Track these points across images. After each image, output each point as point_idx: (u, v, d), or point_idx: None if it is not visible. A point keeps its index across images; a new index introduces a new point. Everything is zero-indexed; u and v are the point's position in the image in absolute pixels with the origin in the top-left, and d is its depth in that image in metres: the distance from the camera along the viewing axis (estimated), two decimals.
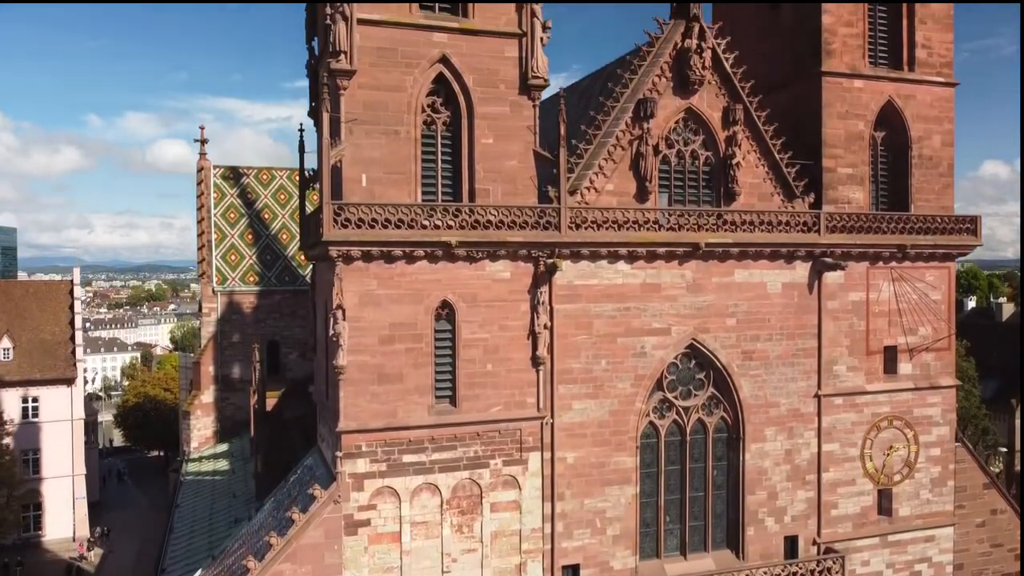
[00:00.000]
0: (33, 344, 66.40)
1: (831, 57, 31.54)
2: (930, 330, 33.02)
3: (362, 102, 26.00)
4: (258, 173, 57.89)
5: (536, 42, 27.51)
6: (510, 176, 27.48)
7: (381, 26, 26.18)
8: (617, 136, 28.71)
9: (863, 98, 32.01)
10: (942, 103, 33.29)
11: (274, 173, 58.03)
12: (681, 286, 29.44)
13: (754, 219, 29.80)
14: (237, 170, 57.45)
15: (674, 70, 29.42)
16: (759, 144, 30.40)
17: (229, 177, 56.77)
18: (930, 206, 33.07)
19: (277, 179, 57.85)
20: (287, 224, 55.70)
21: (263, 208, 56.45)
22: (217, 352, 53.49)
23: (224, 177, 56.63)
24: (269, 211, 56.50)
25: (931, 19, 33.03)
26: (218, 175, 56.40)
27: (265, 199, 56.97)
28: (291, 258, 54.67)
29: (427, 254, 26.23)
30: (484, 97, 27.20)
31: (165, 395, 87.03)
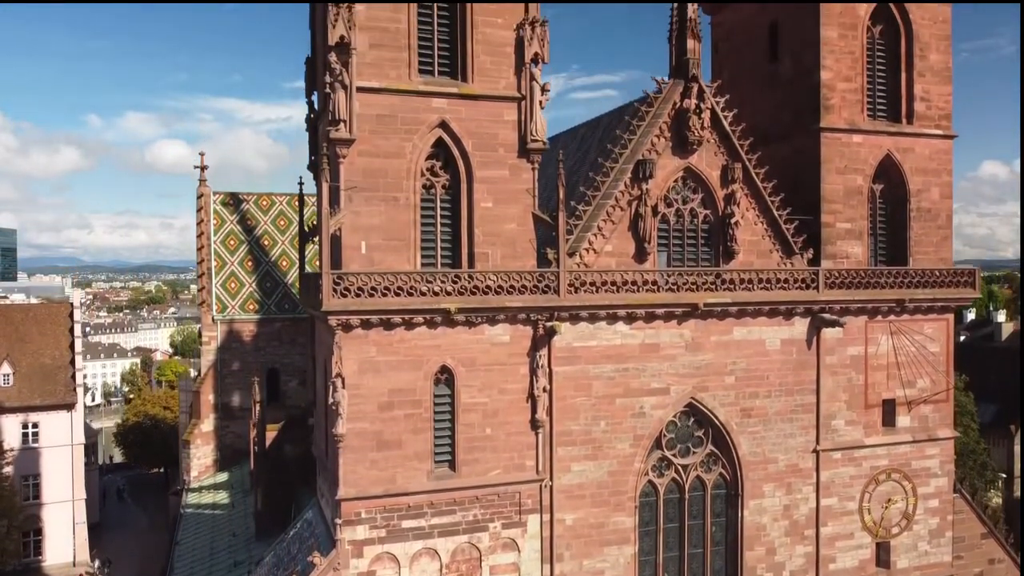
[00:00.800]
0: (33, 369, 66.39)
1: (830, 112, 31.61)
2: (928, 382, 33.09)
3: (361, 169, 26.06)
4: (258, 199, 57.96)
5: (535, 105, 27.58)
6: (509, 239, 27.55)
7: (380, 93, 26.26)
8: (616, 197, 28.78)
9: (862, 152, 32.08)
10: (940, 155, 33.36)
11: (274, 199, 58.08)
12: (680, 345, 29.51)
13: (753, 278, 29.87)
14: (237, 196, 57.52)
15: (673, 130, 29.49)
16: (758, 202, 30.46)
17: (229, 203, 56.82)
18: (929, 259, 33.14)
19: (277, 205, 57.89)
20: (287, 251, 55.76)
21: (263, 234, 56.50)
22: (217, 380, 53.57)
23: (224, 203, 56.67)
24: (269, 237, 56.53)
25: (930, 72, 33.09)
26: (218, 201, 56.46)
27: (265, 225, 57.01)
28: (290, 285, 54.66)
29: (426, 320, 26.32)
30: (483, 161, 27.27)
31: (165, 414, 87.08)
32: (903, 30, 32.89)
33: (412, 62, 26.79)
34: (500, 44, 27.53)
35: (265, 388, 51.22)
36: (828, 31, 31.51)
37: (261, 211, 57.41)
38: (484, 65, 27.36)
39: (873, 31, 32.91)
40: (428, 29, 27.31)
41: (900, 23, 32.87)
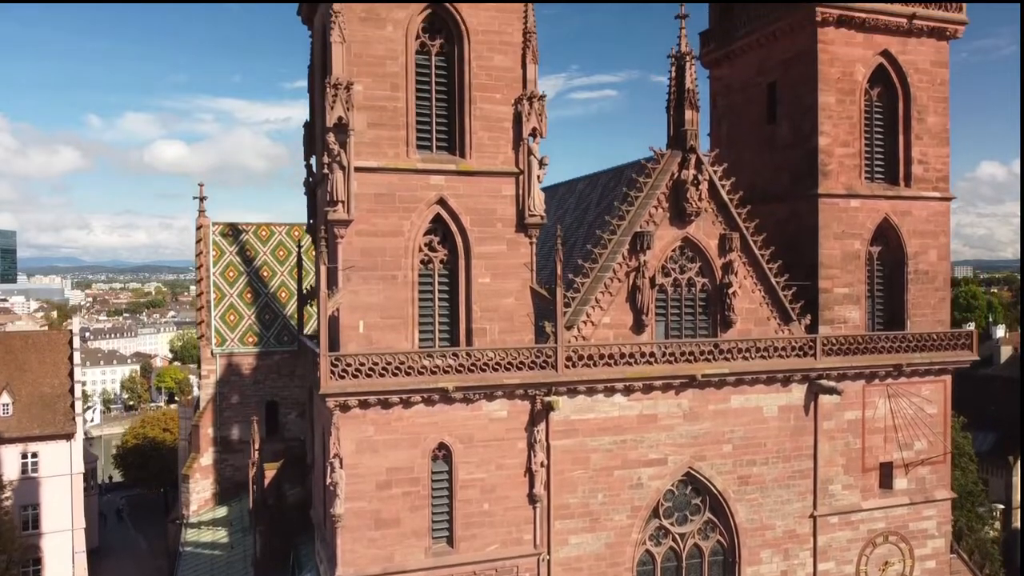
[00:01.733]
0: (32, 398, 66.45)
1: (827, 178, 31.66)
2: (926, 444, 33.17)
3: (360, 248, 26.11)
4: (257, 229, 57.93)
5: (533, 180, 27.62)
6: (507, 314, 27.61)
7: (379, 172, 26.31)
8: (614, 269, 28.82)
9: (860, 217, 32.13)
10: (938, 217, 33.41)
11: (273, 229, 58.06)
12: (678, 415, 29.57)
13: (751, 347, 29.93)
14: (236, 227, 57.52)
15: (671, 200, 29.53)
16: (756, 270, 30.51)
17: (228, 234, 56.80)
18: (926, 321, 33.20)
19: (276, 235, 57.86)
20: (285, 282, 55.73)
21: (262, 266, 56.47)
22: (216, 414, 53.54)
23: (223, 234, 56.65)
24: (268, 268, 56.48)
25: (927, 134, 33.14)
26: (217, 232, 56.44)
27: (264, 256, 56.97)
28: (289, 317, 54.66)
29: (424, 398, 26.38)
30: (481, 236, 27.31)
31: (165, 436, 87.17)
32: (901, 93, 32.94)
33: (410, 139, 26.84)
34: (498, 119, 27.57)
35: (264, 420, 51.34)
36: (826, 97, 31.54)
37: (260, 241, 57.36)
38: (482, 141, 27.41)
39: (871, 93, 32.96)
40: (426, 106, 27.38)
41: (898, 86, 32.92)
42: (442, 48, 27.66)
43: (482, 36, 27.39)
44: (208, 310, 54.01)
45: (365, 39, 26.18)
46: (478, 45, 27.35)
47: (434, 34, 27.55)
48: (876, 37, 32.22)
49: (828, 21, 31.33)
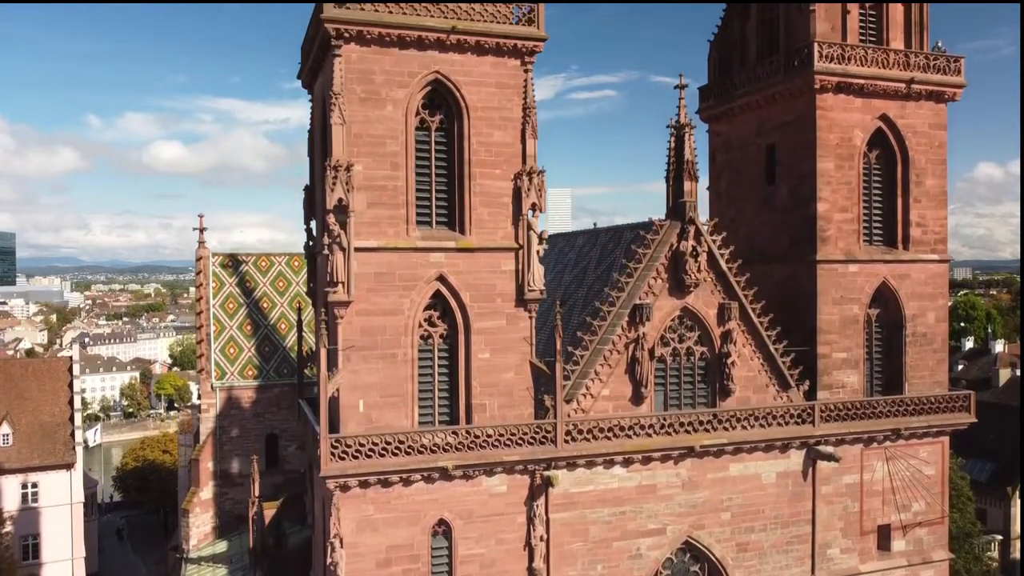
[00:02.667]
0: (33, 427, 66.58)
1: (826, 244, 31.75)
2: (923, 505, 33.30)
3: (359, 328, 26.21)
4: (257, 260, 57.91)
5: (532, 254, 27.71)
6: (507, 389, 27.71)
7: (379, 252, 26.39)
8: (613, 341, 28.92)
9: (858, 281, 32.23)
10: (936, 280, 33.52)
11: (273, 259, 58.04)
12: (676, 484, 29.70)
13: (749, 416, 30.05)
14: (236, 257, 57.54)
15: (670, 271, 29.63)
16: (754, 338, 30.61)
17: (228, 265, 56.79)
18: (924, 383, 33.31)
19: (276, 265, 57.81)
20: (285, 313, 55.72)
21: (262, 297, 56.46)
22: (216, 447, 53.55)
23: (223, 265, 56.63)
24: (268, 300, 56.46)
25: (926, 197, 33.24)
26: (217, 263, 56.41)
27: (264, 287, 56.95)
28: (289, 349, 54.72)
29: (424, 476, 26.49)
30: (481, 312, 27.41)
31: (164, 457, 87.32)
32: (900, 156, 33.02)
33: (410, 217, 26.94)
34: (497, 195, 27.67)
35: (264, 452, 51.47)
36: (825, 163, 31.64)
37: (260, 272, 57.34)
38: (482, 217, 27.51)
39: (870, 156, 33.04)
40: (426, 182, 27.47)
41: (897, 149, 33.01)
42: (442, 124, 27.75)
43: (482, 112, 27.47)
44: (208, 343, 54.00)
45: (365, 119, 26.26)
46: (478, 121, 27.44)
47: (434, 110, 27.64)
48: (875, 101, 32.30)
49: (827, 87, 31.42)
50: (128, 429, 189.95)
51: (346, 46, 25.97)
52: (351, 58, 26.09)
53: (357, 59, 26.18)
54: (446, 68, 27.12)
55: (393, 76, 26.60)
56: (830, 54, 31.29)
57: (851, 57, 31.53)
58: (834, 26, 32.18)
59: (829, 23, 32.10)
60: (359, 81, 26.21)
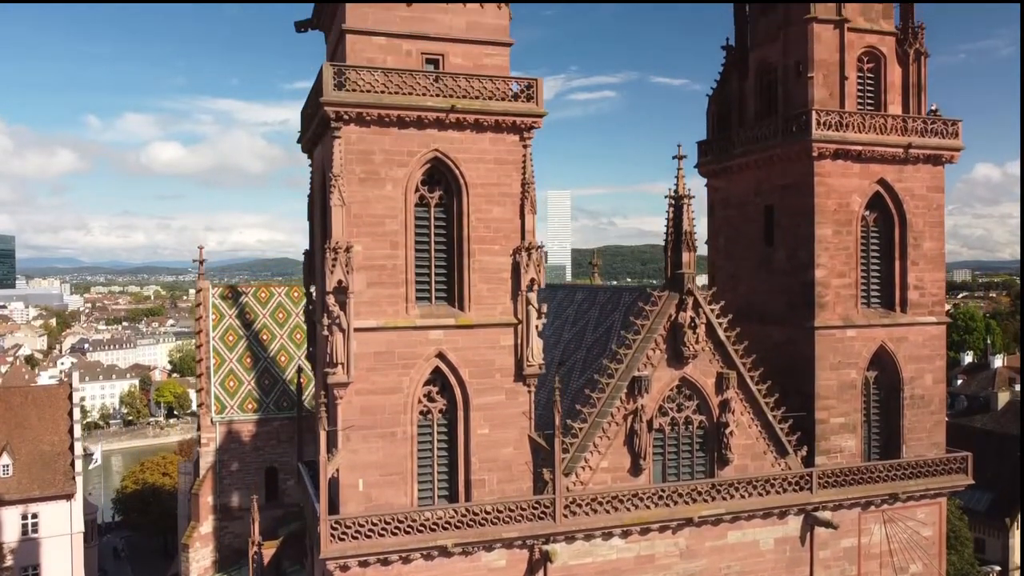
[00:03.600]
0: (32, 457, 66.63)
1: (824, 310, 31.86)
2: (920, 567, 33.44)
3: (359, 408, 26.32)
4: (256, 291, 58.01)
5: (531, 330, 27.81)
6: (505, 464, 27.83)
7: (378, 331, 26.48)
8: (612, 413, 29.05)
9: (856, 346, 32.36)
10: (934, 341, 33.64)
11: (272, 291, 58.16)
12: (675, 554, 29.83)
13: (748, 485, 30.16)
14: (236, 289, 57.62)
15: (668, 342, 29.74)
16: (752, 406, 30.73)
17: (228, 296, 56.87)
18: (922, 444, 33.45)
19: (275, 296, 57.88)
20: (285, 345, 55.80)
21: (261, 329, 56.52)
22: (215, 481, 53.65)
23: (223, 297, 56.70)
24: (267, 331, 56.53)
25: (923, 259, 33.35)
26: (216, 295, 56.47)
27: (264, 319, 57.01)
28: (289, 382, 54.80)
29: (424, 554, 26.60)
30: (480, 388, 27.52)
31: (164, 480, 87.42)
32: (897, 219, 33.15)
33: (409, 295, 27.04)
34: (496, 270, 27.77)
35: (263, 486, 51.70)
36: (823, 229, 31.75)
37: (260, 304, 57.41)
38: (481, 293, 27.61)
39: (867, 219, 33.16)
40: (425, 259, 27.58)
41: (894, 212, 33.13)
42: (441, 200, 27.85)
43: (481, 189, 27.58)
44: (208, 376, 54.05)
45: (365, 199, 26.36)
46: (477, 198, 27.54)
47: (433, 186, 27.74)
48: (873, 166, 32.42)
49: (825, 154, 31.54)
50: (128, 437, 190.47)
51: (345, 127, 26.07)
52: (350, 139, 26.19)
53: (357, 140, 26.28)
54: (445, 146, 27.22)
55: (393, 155, 26.70)
56: (828, 121, 31.40)
57: (849, 124, 31.64)
58: (832, 92, 32.29)
59: (827, 89, 32.21)
60: (359, 162, 26.30)
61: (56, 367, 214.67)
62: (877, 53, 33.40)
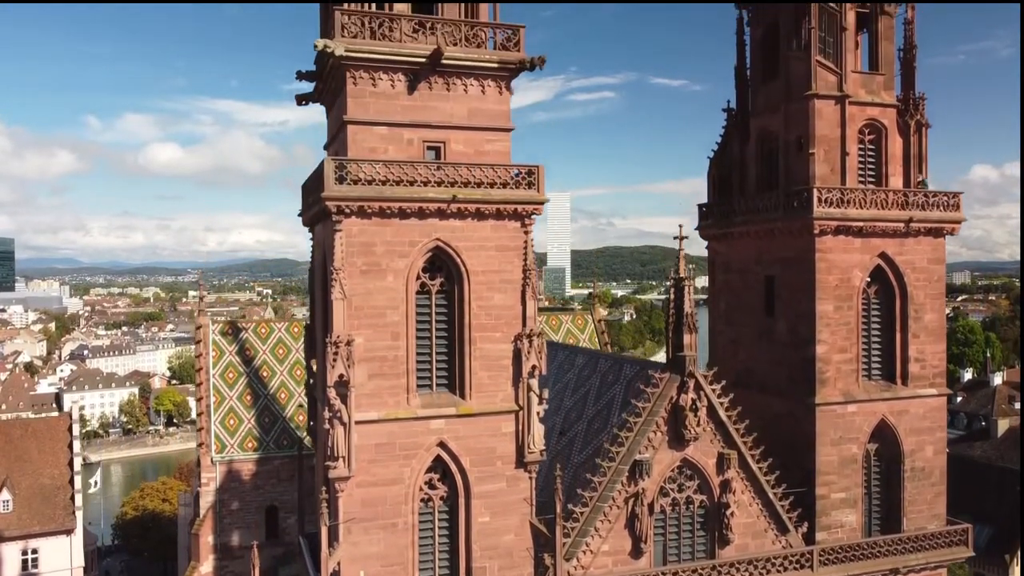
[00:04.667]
0: (33, 491, 66.60)
1: (825, 386, 31.87)
2: None
3: (360, 500, 26.32)
4: (256, 327, 58.06)
5: (533, 417, 27.81)
6: (506, 551, 27.83)
7: (380, 423, 26.47)
8: (613, 497, 29.05)
9: (857, 421, 32.38)
10: (934, 413, 33.66)
11: (272, 326, 58.19)
12: None
13: (749, 566, 30.17)
14: (236, 324, 57.65)
15: (669, 424, 29.74)
16: (753, 484, 30.72)
17: (228, 332, 56.87)
18: (923, 516, 33.48)
19: (275, 332, 57.88)
20: (285, 382, 55.79)
21: (261, 365, 56.50)
22: (216, 521, 53.64)
23: (223, 333, 56.71)
24: (268, 368, 56.50)
25: (924, 332, 33.36)
26: (217, 331, 56.48)
27: (264, 355, 57.00)
28: (289, 419, 54.80)
29: None
30: (480, 476, 27.53)
31: (164, 506, 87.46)
32: (898, 291, 33.15)
33: (410, 386, 27.04)
34: (498, 358, 27.76)
35: (264, 524, 51.86)
36: (824, 305, 31.76)
37: (260, 339, 57.40)
38: (482, 380, 27.60)
39: (868, 292, 33.17)
40: (426, 347, 27.57)
41: (895, 285, 33.14)
42: (442, 287, 27.84)
43: (482, 276, 27.57)
44: (208, 415, 54.03)
45: (366, 291, 26.35)
46: (478, 285, 27.53)
47: (435, 273, 27.73)
48: (874, 240, 32.43)
49: (826, 231, 31.54)
50: (127, 446, 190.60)
51: (347, 220, 26.05)
52: (352, 231, 26.17)
53: (358, 232, 26.26)
54: (447, 235, 27.21)
55: (394, 246, 26.69)
56: (830, 198, 31.40)
57: (850, 200, 31.65)
58: (833, 167, 32.29)
59: (828, 165, 32.22)
60: (360, 254, 26.29)
61: (55, 374, 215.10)
62: (878, 125, 33.40)
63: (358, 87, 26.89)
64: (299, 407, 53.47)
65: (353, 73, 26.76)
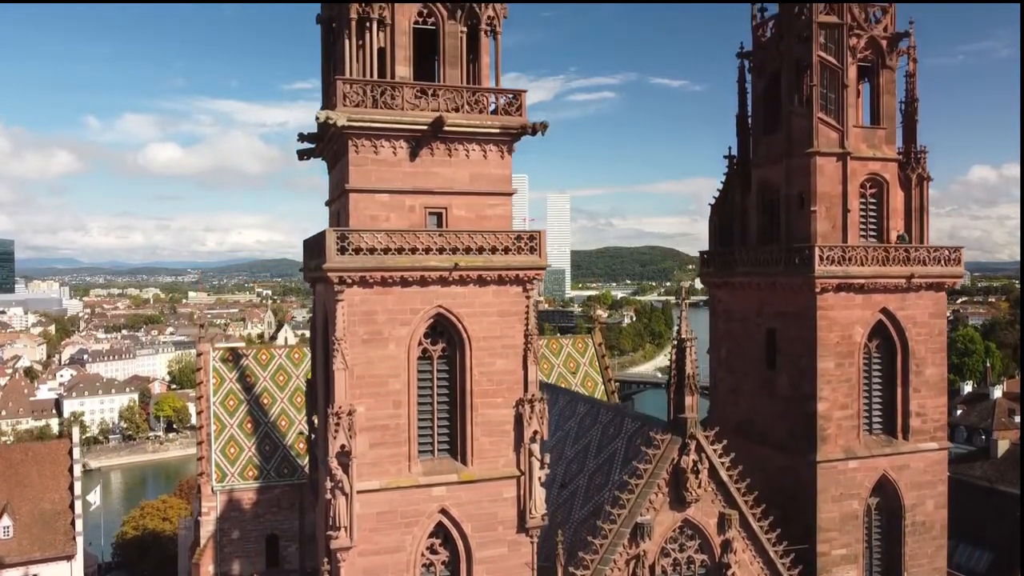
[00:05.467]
0: (33, 517, 66.65)
1: (826, 443, 31.89)
2: None
3: (362, 569, 26.34)
4: (257, 353, 58.10)
5: (534, 481, 27.83)
6: None
7: (381, 492, 26.49)
8: (614, 560, 29.03)
9: (858, 477, 32.40)
10: (936, 467, 33.68)
11: (273, 352, 58.26)
12: None
13: None
14: (236, 352, 57.71)
15: (671, 485, 29.72)
16: (754, 543, 30.70)
17: (228, 359, 56.91)
18: (923, 570, 33.53)
19: (276, 359, 57.91)
20: (285, 409, 55.82)
21: (262, 392, 56.52)
22: (216, 551, 53.69)
23: (223, 359, 56.74)
24: (268, 395, 56.52)
25: (925, 386, 33.38)
26: (217, 358, 56.51)
27: (264, 382, 57.01)
28: (290, 447, 54.83)
29: None
30: (482, 541, 27.55)
31: (164, 526, 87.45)
32: (899, 346, 33.17)
33: (412, 453, 27.05)
34: (499, 423, 27.78)
35: (264, 553, 51.98)
36: (825, 363, 31.77)
37: (260, 366, 57.41)
38: (483, 446, 27.62)
39: (870, 346, 33.18)
40: (428, 412, 27.58)
41: (896, 340, 33.16)
42: (444, 352, 27.84)
43: (484, 342, 27.57)
44: (208, 444, 54.02)
45: (368, 360, 26.35)
46: (480, 351, 27.53)
47: (436, 338, 27.74)
48: (875, 296, 32.45)
49: (827, 288, 31.54)
50: (127, 453, 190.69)
51: (348, 289, 26.05)
52: (354, 300, 26.17)
53: (360, 301, 26.26)
54: (448, 302, 27.21)
55: (396, 314, 26.69)
56: (831, 256, 31.41)
57: (852, 258, 31.66)
58: (835, 224, 32.30)
59: (830, 222, 32.22)
60: (362, 323, 26.29)
61: (55, 379, 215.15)
62: (880, 179, 33.41)
63: (360, 155, 26.87)
64: (299, 434, 53.47)
65: (355, 141, 26.74)
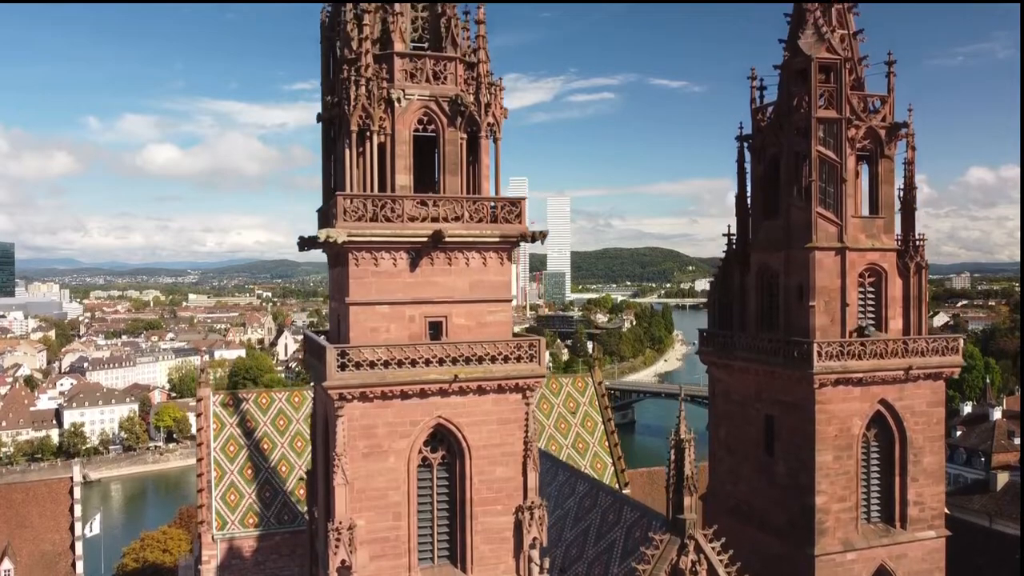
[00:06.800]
0: (34, 559, 66.80)
1: (824, 536, 32.04)
2: None
3: None
4: (257, 397, 58.26)
5: None
6: None
7: None
8: None
9: (856, 568, 32.55)
10: (933, 555, 33.82)
11: (273, 396, 58.37)
12: None
13: None
14: (236, 395, 57.91)
15: None
16: None
17: (228, 404, 57.01)
18: None
19: (276, 402, 58.02)
20: (286, 454, 55.97)
21: (262, 437, 56.68)
22: None
23: (223, 404, 56.85)
24: (268, 440, 56.69)
25: (923, 475, 33.50)
26: (217, 403, 56.62)
27: (264, 427, 57.16)
28: (290, 493, 54.98)
29: None
30: None
31: (164, 557, 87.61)
32: (897, 436, 33.30)
33: (412, 563, 27.17)
34: (499, 530, 27.90)
35: None
36: (823, 456, 31.91)
37: (260, 410, 57.53)
38: (483, 554, 27.74)
39: (868, 435, 33.29)
40: (427, 521, 27.68)
41: (895, 429, 33.29)
42: (444, 459, 27.96)
43: (484, 451, 27.69)
44: (208, 491, 54.16)
45: (368, 474, 26.47)
46: (479, 460, 27.65)
47: (436, 446, 27.85)
48: (873, 388, 32.56)
49: (826, 383, 31.65)
50: (127, 463, 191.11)
51: (348, 404, 26.17)
52: (353, 415, 26.28)
53: (360, 415, 26.37)
54: (448, 412, 27.32)
55: (396, 427, 26.81)
56: (829, 352, 31.53)
57: (850, 352, 31.75)
58: (833, 318, 32.42)
59: (828, 315, 32.35)
60: (362, 436, 26.41)
61: (55, 388, 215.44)
62: (879, 269, 33.52)
63: (360, 267, 26.99)
64: (299, 480, 53.53)
65: (355, 255, 26.87)
